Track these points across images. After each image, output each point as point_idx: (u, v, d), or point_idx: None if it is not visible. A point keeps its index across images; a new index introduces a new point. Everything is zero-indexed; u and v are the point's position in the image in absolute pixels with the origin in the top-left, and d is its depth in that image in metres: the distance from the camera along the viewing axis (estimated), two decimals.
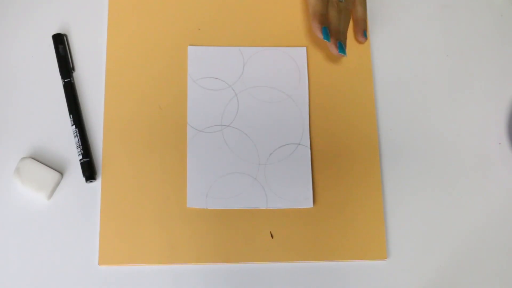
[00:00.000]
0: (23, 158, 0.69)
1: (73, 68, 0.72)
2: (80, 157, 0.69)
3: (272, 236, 0.69)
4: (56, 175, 0.69)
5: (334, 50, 0.71)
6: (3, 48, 0.74)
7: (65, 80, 0.72)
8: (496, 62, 0.77)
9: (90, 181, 0.69)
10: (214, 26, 0.75)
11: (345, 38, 0.72)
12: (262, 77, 0.74)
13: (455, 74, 0.76)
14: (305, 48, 0.75)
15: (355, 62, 0.75)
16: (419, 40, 0.77)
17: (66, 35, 0.73)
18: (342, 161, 0.71)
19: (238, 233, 0.69)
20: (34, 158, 0.69)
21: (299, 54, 0.75)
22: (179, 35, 0.75)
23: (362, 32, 0.75)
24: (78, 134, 0.70)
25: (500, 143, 0.74)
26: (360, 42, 0.75)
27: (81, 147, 0.70)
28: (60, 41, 0.73)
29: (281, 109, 0.73)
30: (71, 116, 0.70)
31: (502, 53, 0.77)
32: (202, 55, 0.74)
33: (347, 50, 0.74)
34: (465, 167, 0.73)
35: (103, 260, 0.67)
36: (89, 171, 0.69)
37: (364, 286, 0.68)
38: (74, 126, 0.70)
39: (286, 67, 0.74)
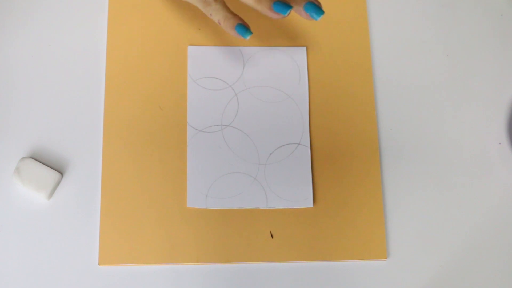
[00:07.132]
0: (23, 158, 0.69)
1: None
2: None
3: (272, 236, 0.69)
4: (56, 175, 0.68)
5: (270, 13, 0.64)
6: (3, 47, 0.74)
7: None
8: (496, 62, 0.77)
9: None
10: (214, 26, 0.75)
11: None
12: (262, 77, 0.74)
13: (455, 74, 0.76)
14: (305, 48, 0.75)
15: (355, 62, 0.75)
16: (419, 40, 0.77)
17: None
18: (342, 161, 0.71)
19: (238, 233, 0.69)
20: (34, 158, 0.69)
21: (299, 54, 0.75)
22: (179, 35, 0.75)
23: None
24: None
25: (500, 143, 0.74)
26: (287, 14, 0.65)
27: None
28: None
29: (281, 109, 0.73)
30: None
31: (502, 53, 0.77)
32: (202, 55, 0.74)
33: (346, 50, 0.73)
34: (465, 167, 0.73)
35: (103, 260, 0.67)
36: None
37: (364, 286, 0.68)
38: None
39: (286, 67, 0.74)
